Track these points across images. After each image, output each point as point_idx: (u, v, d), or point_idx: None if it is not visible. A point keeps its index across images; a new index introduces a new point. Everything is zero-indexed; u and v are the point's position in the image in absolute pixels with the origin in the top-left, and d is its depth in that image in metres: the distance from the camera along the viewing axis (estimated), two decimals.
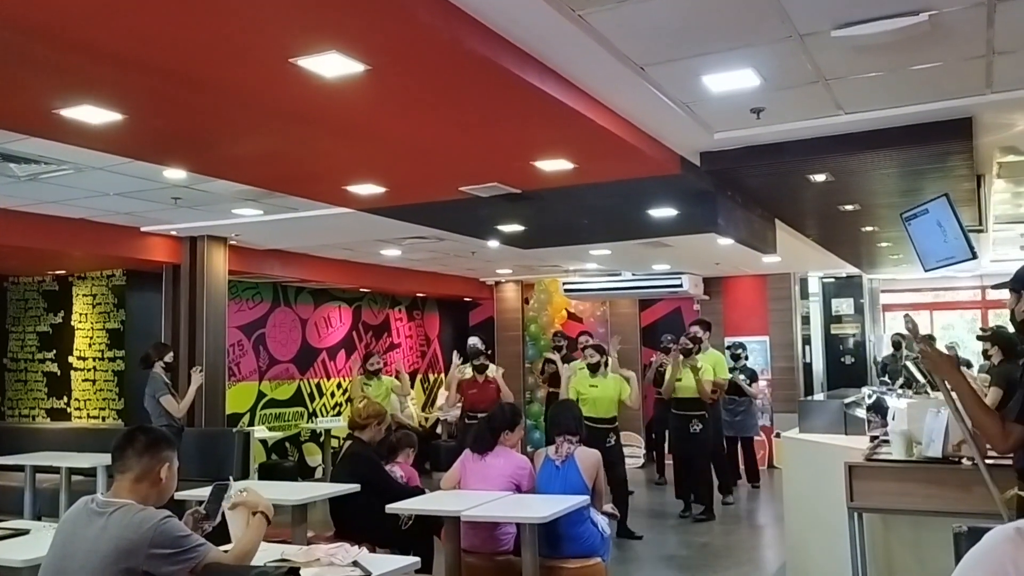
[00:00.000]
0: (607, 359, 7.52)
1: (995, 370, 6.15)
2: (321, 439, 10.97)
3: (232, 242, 8.66)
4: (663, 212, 6.79)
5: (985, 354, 7.24)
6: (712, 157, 5.46)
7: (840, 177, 5.75)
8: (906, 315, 3.89)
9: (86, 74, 3.56)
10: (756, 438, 10.01)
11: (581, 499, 4.56)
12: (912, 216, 6.09)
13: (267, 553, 3.15)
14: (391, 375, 9.17)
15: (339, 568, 2.99)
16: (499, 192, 5.89)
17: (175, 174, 5.79)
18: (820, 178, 5.72)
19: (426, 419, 12.61)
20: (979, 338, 8.39)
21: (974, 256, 6.01)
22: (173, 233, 8.25)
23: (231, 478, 3.00)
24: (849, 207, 6.90)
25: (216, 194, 6.53)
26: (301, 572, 2.85)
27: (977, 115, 4.71)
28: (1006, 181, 6.47)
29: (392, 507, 4.54)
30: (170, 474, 2.88)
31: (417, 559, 3.32)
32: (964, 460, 4.02)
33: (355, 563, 3.04)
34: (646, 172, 5.41)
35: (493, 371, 8.80)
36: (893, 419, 4.48)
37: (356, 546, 3.17)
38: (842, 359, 13.53)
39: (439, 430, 12.28)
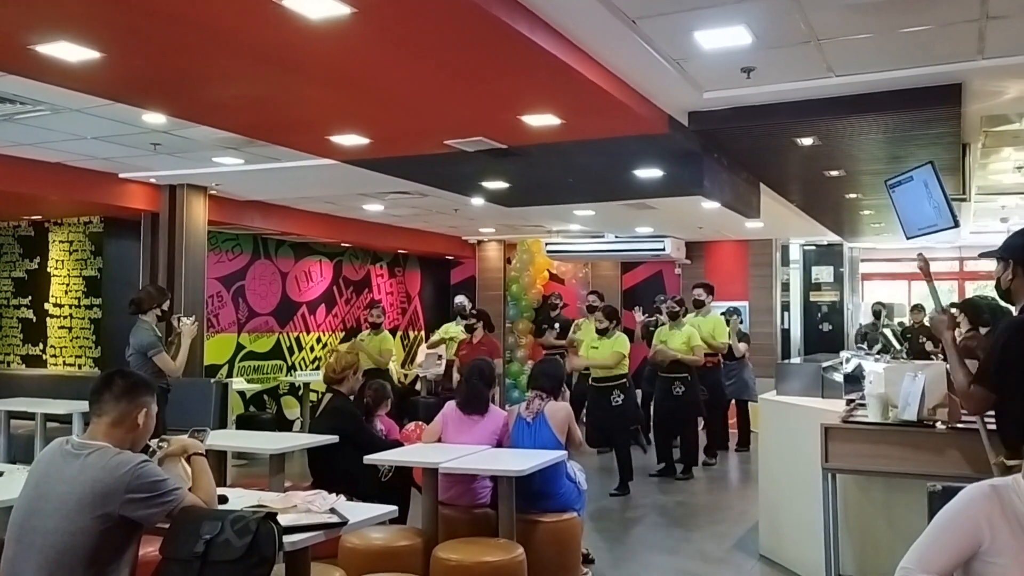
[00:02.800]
0: (616, 322, 7.57)
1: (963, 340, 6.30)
2: (300, 392, 10.96)
3: (212, 192, 8.54)
4: (649, 173, 6.75)
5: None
6: (700, 117, 5.42)
7: (827, 141, 5.74)
8: (919, 255, 3.86)
9: (62, 7, 3.45)
10: (752, 402, 10.01)
11: (559, 454, 4.58)
12: (896, 183, 6.10)
13: (244, 499, 3.14)
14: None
15: (316, 514, 2.98)
16: (484, 147, 5.82)
17: (154, 118, 5.68)
18: (807, 142, 5.70)
19: (405, 376, 12.61)
20: (952, 304, 8.52)
21: (956, 225, 6.05)
22: (152, 180, 8.12)
23: (149, 446, 2.97)
24: (834, 173, 6.90)
25: (196, 141, 6.42)
26: (278, 518, 2.84)
27: (967, 81, 4.69)
28: (1015, 149, 6.50)
29: (370, 458, 4.53)
30: (148, 420, 2.85)
31: (393, 507, 3.32)
32: (939, 424, 4.08)
33: (332, 510, 3.03)
34: (634, 130, 5.36)
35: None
36: (870, 382, 4.53)
37: (334, 494, 3.16)
38: (820, 326, 13.65)
39: (418, 387, 12.30)
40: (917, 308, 11.24)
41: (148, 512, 2.66)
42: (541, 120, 5.12)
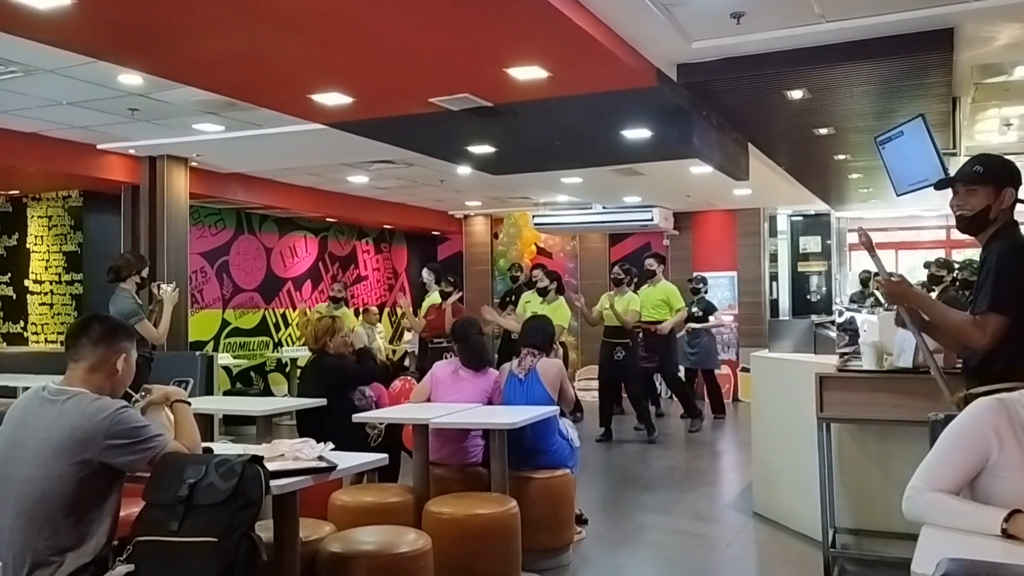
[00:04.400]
0: (557, 286, 8.08)
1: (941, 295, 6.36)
2: (287, 369, 10.86)
3: (193, 163, 8.39)
4: (637, 133, 6.66)
5: (935, 279, 7.38)
6: (689, 69, 5.33)
7: (817, 94, 5.66)
8: (859, 228, 3.86)
9: None
10: (718, 371, 10.04)
11: (550, 410, 4.52)
12: (887, 140, 6.03)
13: (230, 450, 3.05)
14: (357, 308, 8.99)
15: (304, 462, 2.90)
16: (470, 105, 5.71)
17: (131, 79, 5.54)
18: (797, 95, 5.62)
19: (393, 352, 12.54)
20: (926, 264, 8.58)
21: (947, 177, 6.00)
22: (131, 152, 7.96)
23: (131, 394, 2.88)
24: (823, 131, 6.83)
25: (175, 105, 6.28)
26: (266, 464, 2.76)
27: (959, 25, 4.62)
28: (1003, 107, 6.45)
29: (360, 417, 4.46)
30: (127, 366, 2.77)
31: (384, 455, 3.24)
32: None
33: (320, 457, 2.95)
34: (621, 84, 5.26)
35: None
36: (864, 331, 4.48)
37: (322, 443, 3.08)
38: (808, 296, 13.64)
39: (407, 363, 12.22)
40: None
41: (129, 459, 2.57)
42: (527, 73, 5.02)
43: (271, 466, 2.72)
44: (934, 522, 2.00)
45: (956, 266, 8.48)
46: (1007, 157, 3.17)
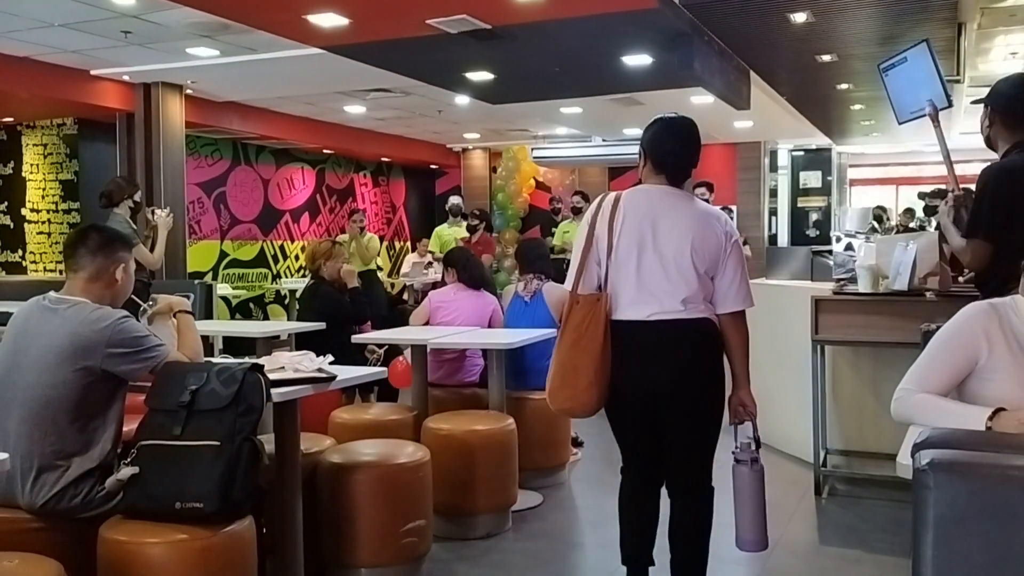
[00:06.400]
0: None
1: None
2: (286, 301, 10.90)
3: (188, 91, 8.29)
4: (638, 60, 6.58)
5: (932, 210, 7.38)
6: None
7: (821, 18, 5.57)
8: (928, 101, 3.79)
9: None
10: None
11: (549, 332, 4.55)
12: (890, 67, 5.95)
13: (231, 362, 3.09)
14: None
15: (304, 373, 2.94)
16: (468, 27, 5.63)
17: None
18: (800, 18, 5.53)
19: (392, 285, 12.57)
20: (920, 195, 8.53)
21: (950, 104, 5.94)
22: (125, 78, 7.86)
23: (139, 303, 2.90)
24: (826, 58, 6.74)
25: (168, 28, 6.18)
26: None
27: None
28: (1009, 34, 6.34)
29: (359, 338, 4.50)
30: (126, 276, 2.78)
31: (383, 368, 3.28)
32: (929, 293, 4.06)
33: (320, 370, 2.99)
34: (622, 5, 5.18)
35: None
36: (861, 255, 4.49)
37: (321, 356, 3.11)
38: (807, 232, 13.63)
39: (405, 296, 12.26)
40: (907, 212, 11.24)
41: (131, 367, 2.61)
42: None
43: (272, 376, 2.76)
44: (921, 422, 2.04)
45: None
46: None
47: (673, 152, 2.76)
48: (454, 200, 9.93)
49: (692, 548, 2.74)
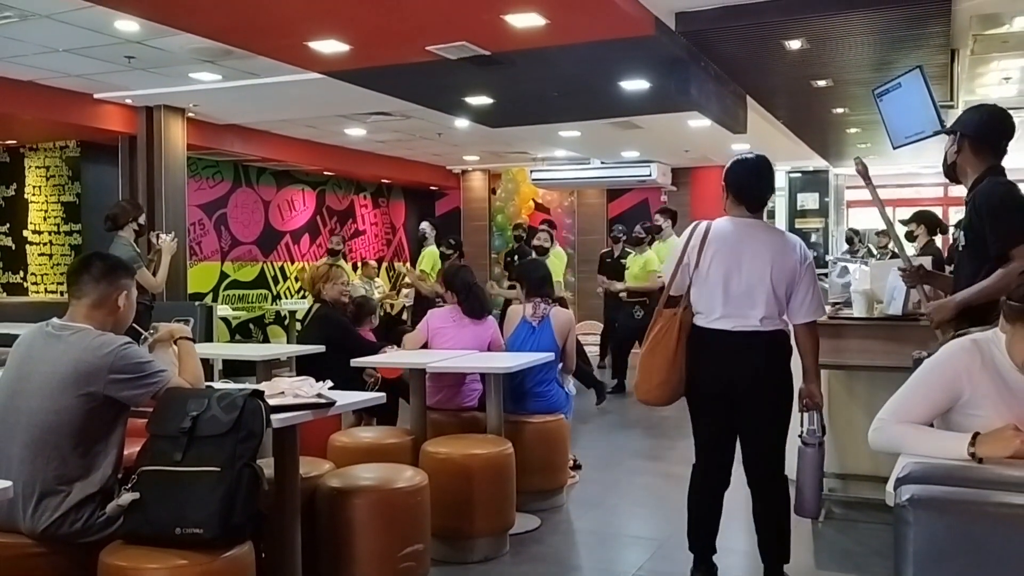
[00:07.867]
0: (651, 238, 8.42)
1: (925, 251, 6.40)
2: (286, 322, 10.93)
3: (190, 114, 8.37)
4: (635, 84, 6.65)
5: (910, 236, 7.36)
6: (688, 18, 5.31)
7: (816, 45, 5.65)
8: (856, 159, 3.90)
9: None
10: None
11: (546, 355, 4.58)
12: (884, 92, 6.03)
13: (232, 388, 3.12)
14: (355, 262, 9.06)
15: (303, 398, 2.97)
16: (468, 54, 5.69)
17: (127, 26, 5.51)
18: (796, 45, 5.61)
19: (391, 306, 12.60)
20: (903, 222, 8.51)
21: (943, 129, 6.02)
22: (128, 101, 7.93)
23: (140, 332, 2.94)
24: (821, 83, 6.82)
25: (172, 53, 6.25)
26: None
27: None
28: (1002, 59, 6.42)
29: (358, 361, 4.52)
30: (128, 303, 2.82)
31: (381, 394, 3.31)
32: (922, 319, 4.09)
33: (319, 395, 3.02)
34: (620, 32, 5.25)
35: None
36: (856, 279, 4.53)
37: (321, 382, 3.14)
38: None
39: (404, 316, 12.29)
40: (882, 233, 11.22)
41: (133, 393, 2.64)
42: (525, 20, 5.00)
43: (272, 402, 2.79)
44: (901, 450, 2.08)
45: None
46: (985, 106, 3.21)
47: (749, 186, 3.25)
48: (422, 226, 10.01)
49: (780, 530, 3.29)
